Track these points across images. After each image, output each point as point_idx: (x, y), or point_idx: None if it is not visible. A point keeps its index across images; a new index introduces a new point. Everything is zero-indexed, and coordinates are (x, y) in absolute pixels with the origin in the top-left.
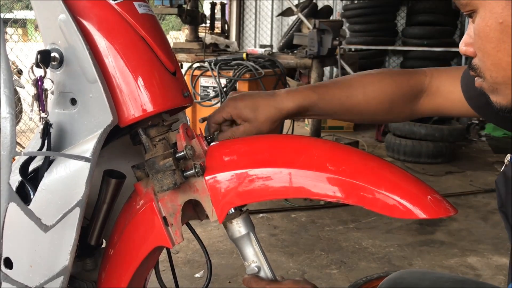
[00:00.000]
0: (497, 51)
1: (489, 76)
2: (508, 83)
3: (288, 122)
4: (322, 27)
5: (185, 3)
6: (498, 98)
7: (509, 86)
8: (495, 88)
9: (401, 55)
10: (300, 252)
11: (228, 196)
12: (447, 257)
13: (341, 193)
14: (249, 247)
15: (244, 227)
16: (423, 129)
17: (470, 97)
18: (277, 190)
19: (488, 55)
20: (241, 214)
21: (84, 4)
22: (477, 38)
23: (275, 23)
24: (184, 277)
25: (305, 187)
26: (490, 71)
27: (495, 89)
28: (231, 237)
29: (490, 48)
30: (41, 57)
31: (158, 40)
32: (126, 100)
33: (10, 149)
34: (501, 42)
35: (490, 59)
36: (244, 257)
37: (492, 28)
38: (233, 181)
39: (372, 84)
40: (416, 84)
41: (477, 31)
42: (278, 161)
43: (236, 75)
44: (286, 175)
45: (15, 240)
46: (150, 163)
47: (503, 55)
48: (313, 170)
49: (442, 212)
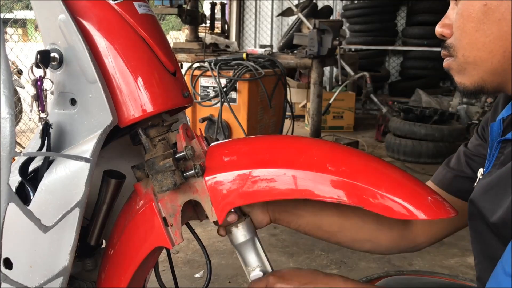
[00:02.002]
0: (475, 30)
1: (462, 55)
2: (477, 64)
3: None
4: (322, 27)
5: (185, 3)
6: (463, 79)
7: (477, 67)
8: (463, 68)
9: (401, 55)
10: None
11: (228, 197)
12: (447, 257)
13: (341, 193)
14: (253, 252)
15: (248, 232)
16: (423, 129)
17: (455, 191)
18: (277, 191)
19: (466, 34)
20: (245, 218)
21: (84, 4)
22: (458, 17)
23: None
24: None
25: (307, 187)
26: (464, 49)
27: (463, 69)
28: (235, 242)
29: (470, 27)
30: (41, 57)
31: (158, 40)
32: (126, 100)
33: (9, 150)
34: (481, 23)
35: (468, 38)
36: (247, 262)
37: (475, 9)
38: (233, 181)
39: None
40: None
41: (460, 10)
42: (278, 161)
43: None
44: (286, 176)
45: (15, 241)
46: (150, 163)
47: (480, 35)
48: (314, 171)
49: (443, 213)
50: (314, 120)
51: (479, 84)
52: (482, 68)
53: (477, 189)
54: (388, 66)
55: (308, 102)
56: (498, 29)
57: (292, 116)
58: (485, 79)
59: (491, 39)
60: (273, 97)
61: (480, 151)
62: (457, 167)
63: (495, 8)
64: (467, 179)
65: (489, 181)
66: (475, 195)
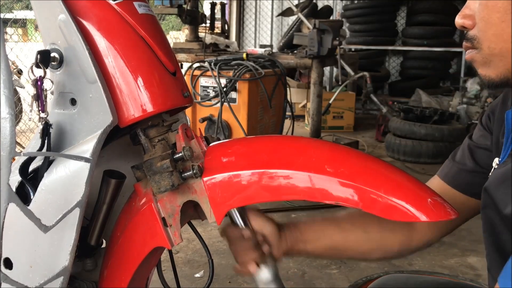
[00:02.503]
0: (502, 21)
1: (487, 47)
2: (504, 55)
3: (288, 122)
4: (322, 27)
5: (185, 3)
6: (489, 71)
7: (503, 58)
8: (488, 60)
9: (401, 55)
10: None
11: (227, 198)
12: (447, 257)
13: (340, 195)
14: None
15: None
16: (423, 129)
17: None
18: (277, 191)
19: (492, 25)
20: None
21: (84, 4)
22: (483, 7)
23: (275, 23)
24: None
25: (306, 189)
26: (489, 41)
27: (489, 61)
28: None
29: (495, 17)
30: (41, 57)
31: (158, 40)
32: (126, 100)
33: (9, 150)
34: (507, 13)
35: (493, 29)
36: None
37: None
38: (232, 182)
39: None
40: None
41: (485, 0)
42: (276, 162)
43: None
44: (285, 178)
45: (15, 241)
46: (148, 164)
47: (506, 26)
48: (312, 172)
49: (443, 215)
50: (314, 120)
51: (505, 76)
52: (509, 59)
53: (492, 179)
54: (388, 66)
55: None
56: None
57: (292, 116)
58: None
59: None
60: (273, 97)
61: (483, 141)
62: (461, 160)
63: None
64: (471, 173)
65: (504, 172)
66: (490, 184)
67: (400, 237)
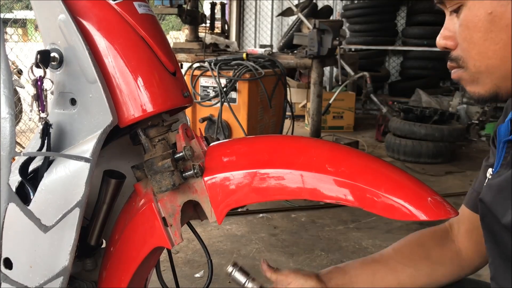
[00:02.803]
0: (484, 40)
1: (473, 65)
2: (490, 72)
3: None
4: (322, 27)
5: (185, 3)
6: (477, 88)
7: (490, 75)
8: (476, 78)
9: (401, 55)
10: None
11: (227, 197)
12: None
13: (340, 194)
14: None
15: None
16: (423, 129)
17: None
18: (277, 191)
19: (475, 45)
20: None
21: (84, 4)
22: (463, 29)
23: (275, 23)
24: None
25: (306, 189)
26: (474, 60)
27: (476, 78)
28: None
29: (477, 37)
30: (41, 57)
31: (158, 40)
32: (126, 100)
33: (9, 150)
34: (489, 31)
35: (476, 48)
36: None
37: (481, 18)
38: (232, 182)
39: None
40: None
41: (465, 22)
42: (277, 162)
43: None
44: (286, 177)
45: (15, 241)
46: (149, 164)
47: (490, 44)
48: (313, 171)
49: (443, 214)
50: (314, 120)
51: (494, 91)
52: (496, 75)
53: (486, 189)
54: (388, 66)
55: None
56: (507, 35)
57: (292, 116)
58: (499, 85)
59: (501, 45)
60: (273, 97)
61: (493, 161)
62: (479, 184)
63: (501, 15)
64: None
65: (499, 182)
66: (485, 195)
67: (450, 267)
